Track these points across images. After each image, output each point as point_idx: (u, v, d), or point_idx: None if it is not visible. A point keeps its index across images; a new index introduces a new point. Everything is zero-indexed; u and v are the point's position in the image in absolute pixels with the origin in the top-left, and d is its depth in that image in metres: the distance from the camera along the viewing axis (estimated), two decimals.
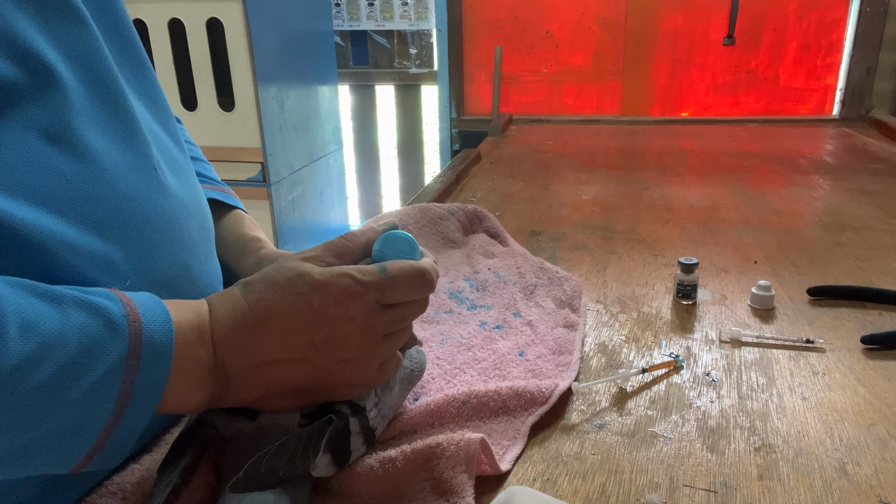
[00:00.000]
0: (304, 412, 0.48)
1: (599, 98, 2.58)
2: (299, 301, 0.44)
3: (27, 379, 0.35)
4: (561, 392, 0.62)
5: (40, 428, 0.36)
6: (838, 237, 1.07)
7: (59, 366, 0.36)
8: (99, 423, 0.39)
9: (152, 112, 0.56)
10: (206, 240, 0.57)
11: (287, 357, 0.45)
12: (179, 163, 0.56)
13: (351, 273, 0.46)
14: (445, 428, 0.57)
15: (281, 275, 0.45)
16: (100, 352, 0.38)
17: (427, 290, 0.49)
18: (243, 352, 0.44)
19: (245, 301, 0.45)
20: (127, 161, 0.47)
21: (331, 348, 0.45)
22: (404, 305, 0.48)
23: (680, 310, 0.83)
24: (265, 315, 0.44)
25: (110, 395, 0.38)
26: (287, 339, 0.44)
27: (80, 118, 0.44)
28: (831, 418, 0.61)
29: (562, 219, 1.19)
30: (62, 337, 0.36)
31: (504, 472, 0.53)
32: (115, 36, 0.53)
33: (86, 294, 0.39)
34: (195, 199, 0.56)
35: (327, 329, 0.45)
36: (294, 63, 2.25)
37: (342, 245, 0.50)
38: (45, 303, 0.37)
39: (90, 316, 0.38)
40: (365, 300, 0.45)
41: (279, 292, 0.45)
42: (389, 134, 3.00)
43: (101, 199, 0.44)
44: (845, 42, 2.32)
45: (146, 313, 0.41)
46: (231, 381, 0.44)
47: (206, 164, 0.73)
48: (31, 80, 0.41)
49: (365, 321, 0.46)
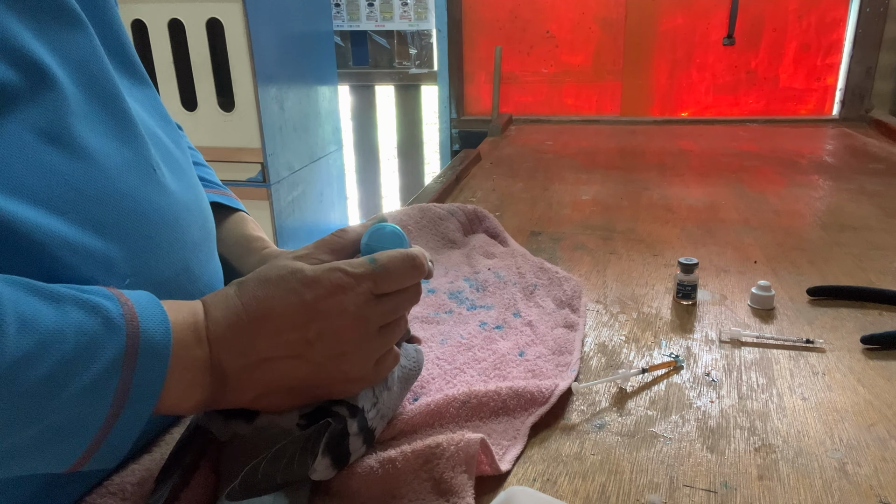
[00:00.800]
0: (302, 412, 0.47)
1: (599, 98, 2.58)
2: (291, 297, 0.45)
3: (25, 375, 0.35)
4: (561, 392, 0.62)
5: (37, 425, 0.36)
6: (838, 237, 1.07)
7: (56, 362, 0.36)
8: (96, 421, 0.39)
9: (151, 115, 0.56)
10: (207, 240, 0.57)
11: (282, 354, 0.45)
12: (180, 164, 0.56)
13: (341, 267, 0.46)
14: (445, 428, 0.57)
15: (273, 272, 0.46)
16: (97, 350, 0.38)
17: (418, 274, 0.49)
18: (239, 350, 0.44)
19: (239, 300, 0.45)
20: (125, 161, 0.47)
21: (325, 343, 0.45)
22: (397, 294, 0.49)
23: (680, 310, 0.83)
24: (259, 312, 0.44)
25: (107, 394, 0.38)
26: (281, 335, 0.45)
27: (77, 119, 0.44)
28: (831, 418, 0.61)
29: (562, 219, 1.19)
30: (60, 334, 0.36)
31: (504, 472, 0.53)
32: (111, 42, 0.53)
33: (84, 293, 0.39)
34: (196, 200, 0.56)
35: (321, 323, 0.45)
36: (294, 63, 2.25)
37: (333, 241, 0.50)
38: (44, 301, 0.37)
39: (88, 314, 0.38)
40: (357, 291, 0.46)
41: (271, 289, 0.45)
42: (389, 134, 3.00)
43: (100, 198, 0.44)
44: (845, 42, 2.32)
45: (143, 312, 0.41)
46: (228, 380, 0.44)
47: (207, 168, 0.73)
48: (28, 83, 0.41)
49: (358, 312, 0.46)
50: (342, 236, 0.51)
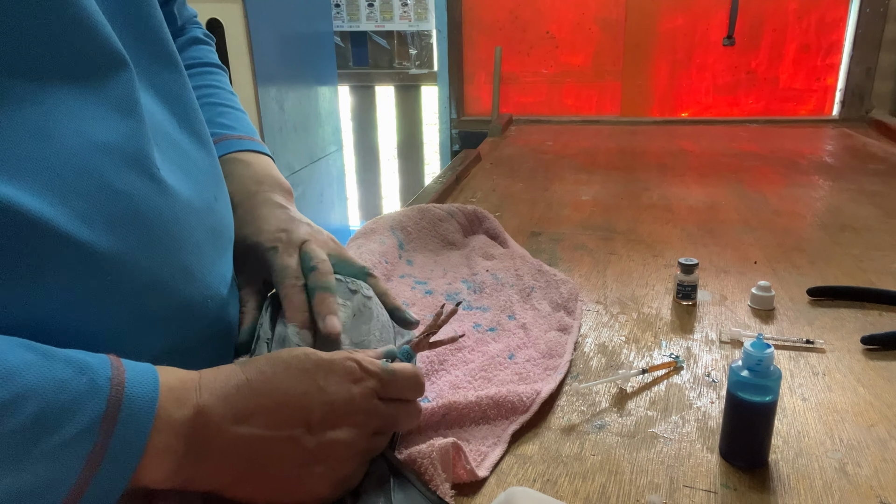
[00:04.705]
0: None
1: (599, 98, 2.58)
2: (303, 377, 0.46)
3: (1, 424, 0.34)
4: (543, 399, 0.62)
5: (10, 476, 0.36)
6: (838, 237, 1.07)
7: (31, 417, 0.36)
8: (64, 486, 0.37)
9: (169, 108, 0.54)
10: (214, 243, 0.55)
11: (277, 434, 0.44)
12: (197, 164, 0.55)
13: (356, 358, 0.48)
14: (424, 436, 0.57)
15: (285, 353, 0.47)
16: (76, 410, 0.37)
17: (418, 392, 0.51)
18: (235, 417, 0.43)
19: (244, 374, 0.45)
20: (127, 160, 0.46)
21: (324, 428, 0.46)
22: (397, 404, 0.50)
23: (680, 310, 0.83)
24: (264, 387, 0.45)
25: (80, 456, 0.37)
26: (283, 411, 0.45)
27: (76, 119, 0.44)
28: (831, 419, 0.61)
29: (562, 219, 1.19)
30: (40, 389, 0.36)
31: (481, 478, 0.53)
32: (141, 31, 0.52)
33: (80, 354, 0.39)
34: (206, 202, 0.55)
35: (327, 407, 0.46)
36: (294, 64, 2.25)
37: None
38: (34, 356, 0.37)
39: (75, 373, 0.38)
40: (365, 385, 0.48)
41: (282, 367, 0.46)
42: (389, 135, 3.00)
43: (89, 192, 0.43)
44: (845, 42, 2.32)
45: (133, 378, 0.40)
46: (212, 452, 0.43)
47: (231, 111, 0.72)
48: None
49: (363, 403, 0.47)
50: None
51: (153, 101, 0.53)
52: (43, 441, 0.36)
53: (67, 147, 0.42)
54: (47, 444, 0.36)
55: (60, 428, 0.37)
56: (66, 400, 0.37)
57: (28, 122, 0.41)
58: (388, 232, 0.94)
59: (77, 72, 0.45)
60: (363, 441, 0.48)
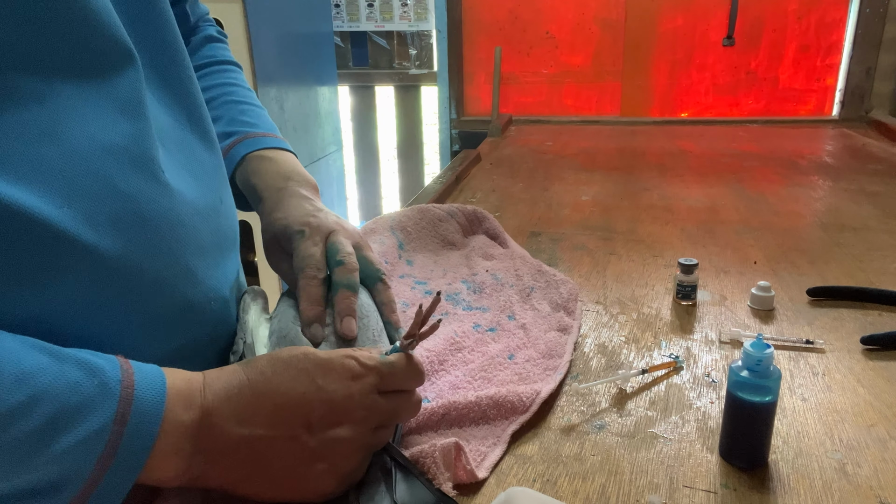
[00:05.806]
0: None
1: (599, 99, 2.58)
2: (302, 377, 0.46)
3: (12, 428, 0.35)
4: (542, 399, 0.62)
5: (16, 479, 0.36)
6: (838, 237, 1.07)
7: (45, 418, 0.36)
8: (76, 484, 0.38)
9: (177, 109, 0.54)
10: (219, 245, 0.55)
11: (279, 433, 0.45)
12: (203, 164, 0.55)
13: (355, 355, 0.48)
14: (424, 436, 0.57)
15: (284, 353, 0.48)
16: (88, 412, 0.38)
17: (419, 381, 0.51)
18: (237, 418, 0.44)
19: (245, 375, 0.46)
20: (132, 162, 0.46)
21: (325, 427, 0.46)
22: (398, 396, 0.50)
23: (680, 310, 0.83)
24: (265, 388, 0.45)
25: (91, 457, 0.38)
26: (284, 411, 0.45)
27: (83, 120, 0.43)
28: (831, 419, 0.61)
29: (562, 219, 1.19)
30: (53, 391, 0.37)
31: (481, 479, 0.53)
32: (149, 26, 0.52)
33: (89, 355, 0.40)
34: (213, 205, 0.55)
35: (326, 406, 0.46)
36: (294, 64, 2.25)
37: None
38: (47, 358, 0.38)
39: (86, 375, 0.39)
40: (364, 381, 0.48)
41: (281, 367, 0.46)
42: (389, 135, 3.00)
43: (96, 196, 0.43)
44: (845, 43, 2.32)
45: (142, 381, 0.41)
46: (217, 453, 0.44)
47: (252, 108, 0.72)
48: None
49: (363, 400, 0.47)
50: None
51: (161, 98, 0.53)
52: (56, 442, 0.37)
53: (74, 149, 0.42)
54: (60, 445, 0.37)
55: (73, 429, 0.38)
56: (78, 402, 0.38)
57: (35, 123, 0.41)
58: (387, 232, 0.94)
59: (84, 67, 0.44)
60: (365, 437, 0.48)
